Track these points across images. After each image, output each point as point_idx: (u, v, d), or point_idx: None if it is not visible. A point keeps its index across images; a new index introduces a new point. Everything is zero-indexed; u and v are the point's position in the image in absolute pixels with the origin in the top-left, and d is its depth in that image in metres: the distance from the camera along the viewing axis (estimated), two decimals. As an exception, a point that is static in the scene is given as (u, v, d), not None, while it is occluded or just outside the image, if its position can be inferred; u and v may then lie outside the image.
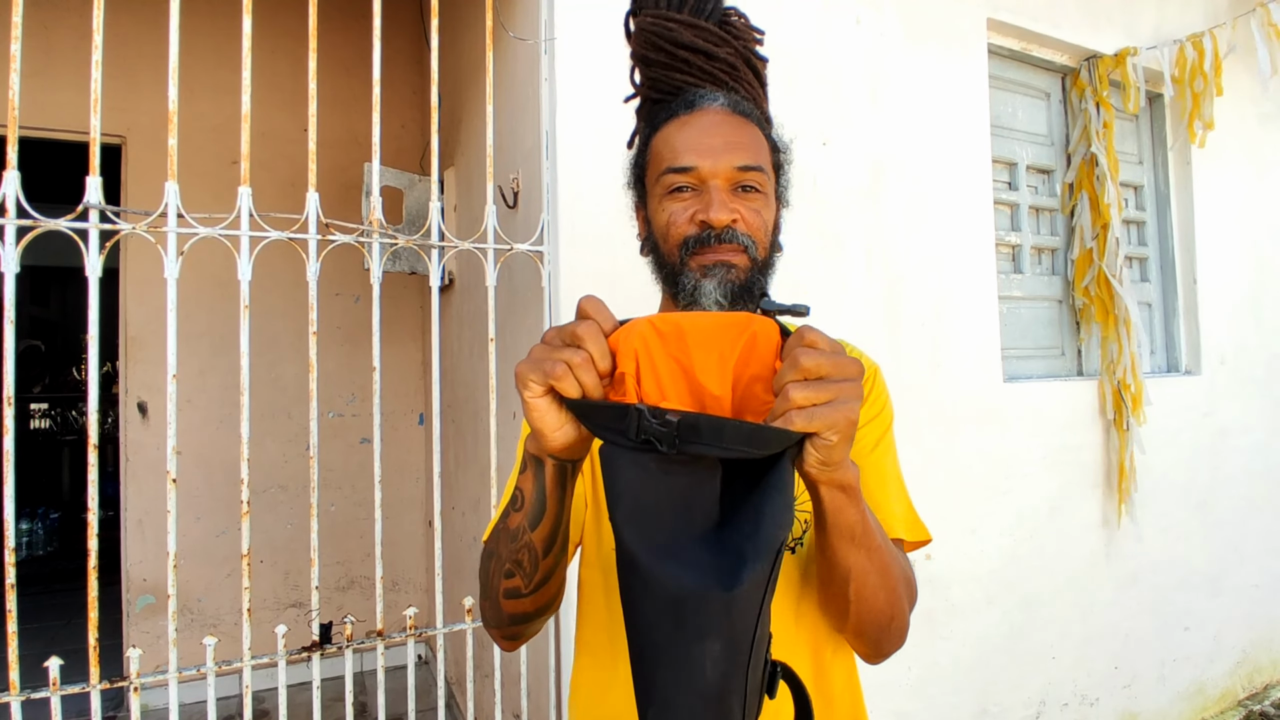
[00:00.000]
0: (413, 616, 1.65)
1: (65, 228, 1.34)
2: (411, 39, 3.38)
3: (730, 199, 0.80)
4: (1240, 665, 2.98)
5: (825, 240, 2.04)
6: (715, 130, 0.82)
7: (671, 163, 0.81)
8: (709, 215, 0.78)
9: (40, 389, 6.43)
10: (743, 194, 0.81)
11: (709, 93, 0.86)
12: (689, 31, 0.89)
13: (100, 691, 1.38)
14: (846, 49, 2.11)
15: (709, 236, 0.79)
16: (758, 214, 0.81)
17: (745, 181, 0.81)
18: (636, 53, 0.94)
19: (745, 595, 0.52)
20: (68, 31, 2.88)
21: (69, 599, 4.08)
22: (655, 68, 0.91)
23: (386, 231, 1.63)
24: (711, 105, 0.84)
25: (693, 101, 0.84)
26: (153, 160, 2.94)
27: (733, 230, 0.79)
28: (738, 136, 0.82)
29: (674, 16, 0.90)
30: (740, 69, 0.91)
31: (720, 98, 0.85)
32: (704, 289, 0.80)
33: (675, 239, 0.81)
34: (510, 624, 0.79)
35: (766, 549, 0.53)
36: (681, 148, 0.81)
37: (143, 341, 2.97)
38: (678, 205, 0.81)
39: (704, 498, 0.55)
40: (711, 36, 0.90)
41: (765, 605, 0.55)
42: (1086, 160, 2.65)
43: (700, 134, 0.81)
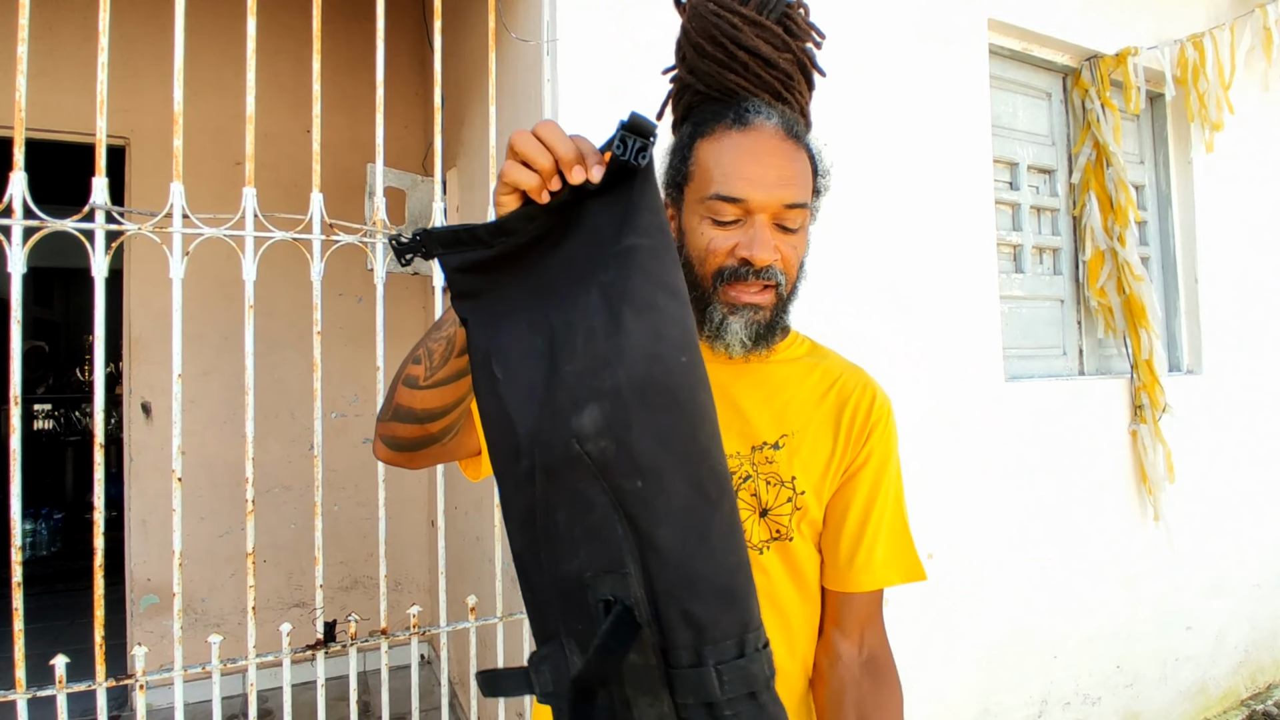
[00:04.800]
0: (416, 616, 1.66)
1: (71, 228, 1.35)
2: (414, 40, 3.39)
3: (773, 235, 0.79)
4: (1243, 665, 2.98)
5: (825, 241, 2.05)
6: (768, 159, 0.79)
7: (721, 189, 0.78)
8: (752, 254, 0.77)
9: (44, 390, 6.44)
10: (784, 231, 0.80)
11: (763, 106, 0.82)
12: (752, 31, 0.84)
13: (106, 689, 1.38)
14: (846, 49, 2.12)
15: (747, 273, 0.78)
16: (794, 250, 0.81)
17: (789, 221, 0.80)
18: (690, 35, 0.88)
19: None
20: (72, 33, 2.89)
21: (72, 599, 4.09)
22: (709, 61, 0.85)
23: (389, 232, 1.63)
24: (766, 124, 0.80)
25: (747, 118, 0.80)
26: (157, 161, 2.95)
27: (772, 269, 0.79)
28: (790, 169, 0.80)
29: (739, 10, 0.84)
30: (796, 79, 0.87)
31: (775, 116, 0.81)
32: (730, 327, 0.80)
33: (712, 267, 0.80)
34: (393, 418, 0.78)
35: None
36: (733, 173, 0.78)
37: (147, 342, 2.98)
38: (719, 234, 0.79)
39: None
40: (775, 39, 0.85)
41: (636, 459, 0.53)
42: (1093, 161, 2.65)
43: (753, 161, 0.78)
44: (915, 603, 2.14)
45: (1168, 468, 2.62)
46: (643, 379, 0.51)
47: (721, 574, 0.52)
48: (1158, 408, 2.59)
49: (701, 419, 0.54)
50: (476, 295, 0.60)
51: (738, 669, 0.50)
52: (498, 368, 0.57)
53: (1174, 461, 2.64)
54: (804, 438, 0.85)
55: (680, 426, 0.52)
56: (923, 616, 2.17)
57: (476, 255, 0.59)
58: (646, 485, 0.51)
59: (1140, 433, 2.61)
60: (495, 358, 0.57)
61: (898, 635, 2.09)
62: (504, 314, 0.58)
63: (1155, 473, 2.61)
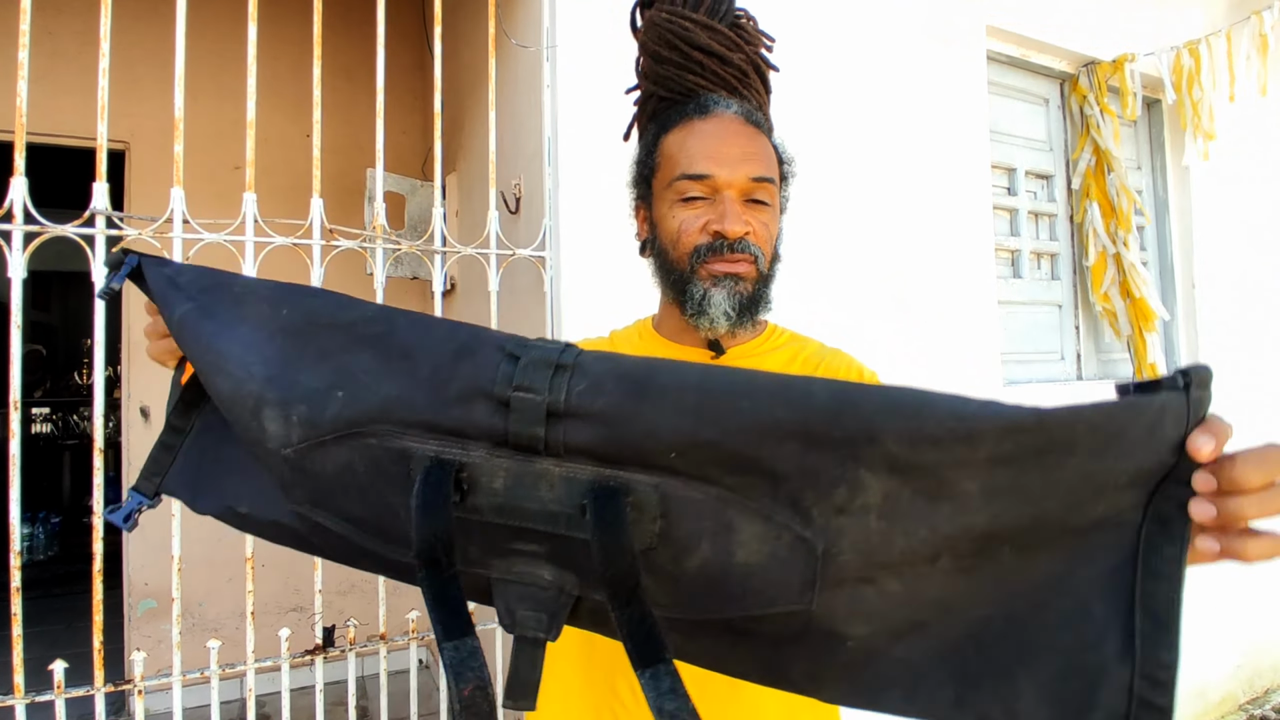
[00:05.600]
0: (415, 620, 1.66)
1: (72, 234, 1.36)
2: (414, 46, 3.40)
3: (743, 210, 0.80)
4: (1240, 669, 2.98)
5: (824, 246, 2.05)
6: (731, 139, 0.81)
7: (686, 169, 0.81)
8: (724, 226, 0.79)
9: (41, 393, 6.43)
10: (753, 206, 0.81)
11: (722, 98, 0.85)
12: (704, 33, 0.88)
13: (104, 695, 1.38)
14: (845, 55, 2.13)
15: (722, 246, 0.79)
16: (766, 226, 0.82)
17: (757, 194, 0.81)
18: (647, 47, 0.92)
19: None
20: (73, 38, 2.90)
21: (70, 603, 4.08)
22: (667, 66, 0.89)
23: (389, 237, 1.64)
24: (726, 112, 0.84)
25: (707, 106, 0.84)
26: (156, 165, 2.95)
27: (745, 241, 0.80)
28: (752, 147, 0.82)
29: (690, 16, 0.88)
30: (750, 75, 0.91)
31: (733, 104, 0.85)
32: (713, 299, 0.80)
33: (686, 246, 0.81)
34: None
35: None
36: (697, 154, 0.81)
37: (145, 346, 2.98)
38: (690, 213, 0.81)
39: None
40: (726, 40, 0.89)
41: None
42: (1093, 167, 2.66)
43: (716, 142, 0.81)
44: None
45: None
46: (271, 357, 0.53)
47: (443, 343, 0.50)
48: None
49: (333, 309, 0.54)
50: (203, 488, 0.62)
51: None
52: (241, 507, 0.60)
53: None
54: None
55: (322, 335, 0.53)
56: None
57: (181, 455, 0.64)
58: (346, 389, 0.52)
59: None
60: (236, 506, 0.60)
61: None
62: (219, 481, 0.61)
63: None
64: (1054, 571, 0.43)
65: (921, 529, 0.43)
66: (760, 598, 0.45)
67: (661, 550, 0.45)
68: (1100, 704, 0.41)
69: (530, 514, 0.47)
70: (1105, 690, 0.41)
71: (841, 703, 0.47)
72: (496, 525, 0.48)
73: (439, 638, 0.45)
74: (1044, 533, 0.43)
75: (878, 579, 0.44)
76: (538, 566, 0.48)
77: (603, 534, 0.44)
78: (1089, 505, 0.42)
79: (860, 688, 0.46)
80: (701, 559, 0.45)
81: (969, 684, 0.44)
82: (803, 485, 0.43)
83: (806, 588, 0.44)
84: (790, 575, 0.44)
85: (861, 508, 0.42)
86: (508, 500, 0.47)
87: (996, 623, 0.44)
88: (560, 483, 0.46)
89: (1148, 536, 0.42)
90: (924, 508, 0.42)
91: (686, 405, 0.44)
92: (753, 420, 0.43)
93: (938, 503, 0.42)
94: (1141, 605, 0.42)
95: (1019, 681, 0.43)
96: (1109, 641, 0.42)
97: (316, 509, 0.53)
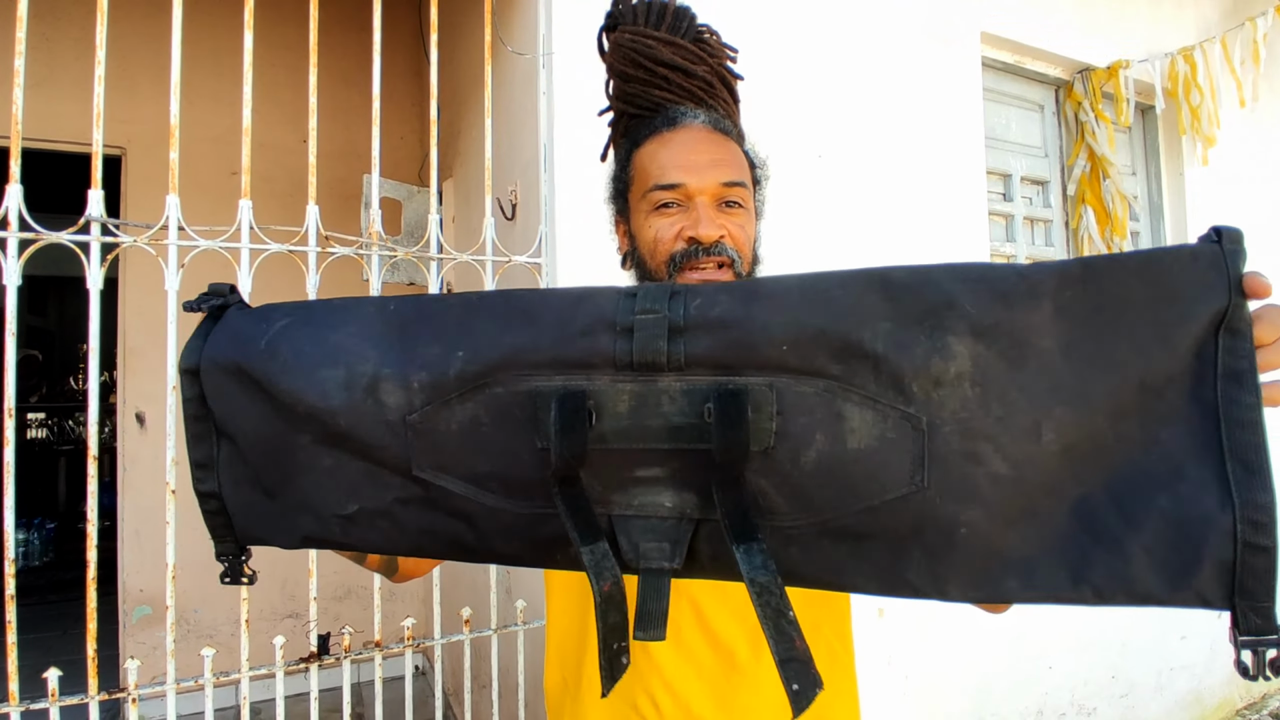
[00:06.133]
0: (410, 627, 1.65)
1: (67, 241, 1.35)
2: (411, 52, 3.40)
3: (716, 215, 0.81)
4: (1237, 674, 2.98)
5: (820, 252, 2.06)
6: (699, 147, 0.83)
7: (658, 179, 0.83)
8: (698, 231, 0.80)
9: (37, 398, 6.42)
10: (727, 209, 0.82)
11: (689, 110, 0.87)
12: (667, 49, 0.90)
13: (99, 703, 1.38)
14: (840, 62, 2.13)
15: (697, 251, 0.80)
16: (742, 229, 0.83)
17: (729, 197, 0.82)
18: (614, 68, 0.95)
19: None
20: (70, 44, 2.90)
21: (65, 609, 4.06)
22: (634, 84, 0.92)
23: (385, 244, 1.64)
24: (693, 122, 0.85)
25: (675, 118, 0.86)
26: (153, 171, 2.95)
27: (721, 245, 0.81)
28: (721, 153, 0.84)
29: (652, 34, 0.91)
30: (716, 86, 0.93)
31: (700, 115, 0.87)
32: None
33: (663, 255, 0.82)
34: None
35: None
36: (668, 164, 0.83)
37: (141, 352, 2.97)
38: (664, 221, 0.82)
39: None
40: (689, 54, 0.91)
41: None
42: (1088, 173, 2.67)
43: (685, 151, 0.83)
44: (909, 612, 2.14)
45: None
46: (383, 335, 0.56)
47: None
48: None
49: (456, 306, 0.56)
50: (283, 519, 0.61)
51: None
52: (350, 506, 0.59)
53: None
54: None
55: (436, 320, 0.56)
56: (916, 626, 2.17)
57: (232, 497, 0.62)
58: (466, 351, 0.54)
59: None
60: (341, 512, 0.59)
61: (892, 645, 2.10)
62: (309, 496, 0.59)
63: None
64: (1145, 438, 0.46)
65: (1012, 391, 0.45)
66: (875, 485, 0.47)
67: (780, 448, 0.48)
68: (1207, 555, 0.43)
69: (654, 432, 0.49)
70: (1210, 542, 0.43)
71: (963, 599, 0.48)
72: (621, 453, 0.50)
73: (577, 543, 0.49)
74: (1127, 395, 0.45)
75: (983, 456, 0.46)
76: (659, 494, 0.51)
77: (723, 428, 0.46)
78: (1159, 360, 0.45)
79: (979, 579, 0.47)
80: (817, 452, 0.48)
81: (1083, 563, 0.46)
82: (900, 362, 0.46)
83: (916, 467, 0.46)
84: (900, 456, 0.47)
85: (956, 377, 0.46)
86: (634, 422, 0.50)
87: (1099, 498, 0.46)
88: (681, 396, 0.49)
89: (1224, 390, 0.44)
90: (1011, 370, 0.45)
91: (792, 301, 0.48)
92: (849, 305, 0.47)
93: (1023, 363, 0.45)
94: (1231, 455, 0.44)
95: (1128, 550, 0.45)
96: (1207, 495, 0.44)
97: (441, 473, 0.54)
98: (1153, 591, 0.44)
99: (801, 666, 0.46)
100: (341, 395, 0.55)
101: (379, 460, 0.56)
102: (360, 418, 0.55)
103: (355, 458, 0.56)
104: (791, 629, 0.46)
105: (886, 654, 2.09)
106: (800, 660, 0.46)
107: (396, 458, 0.55)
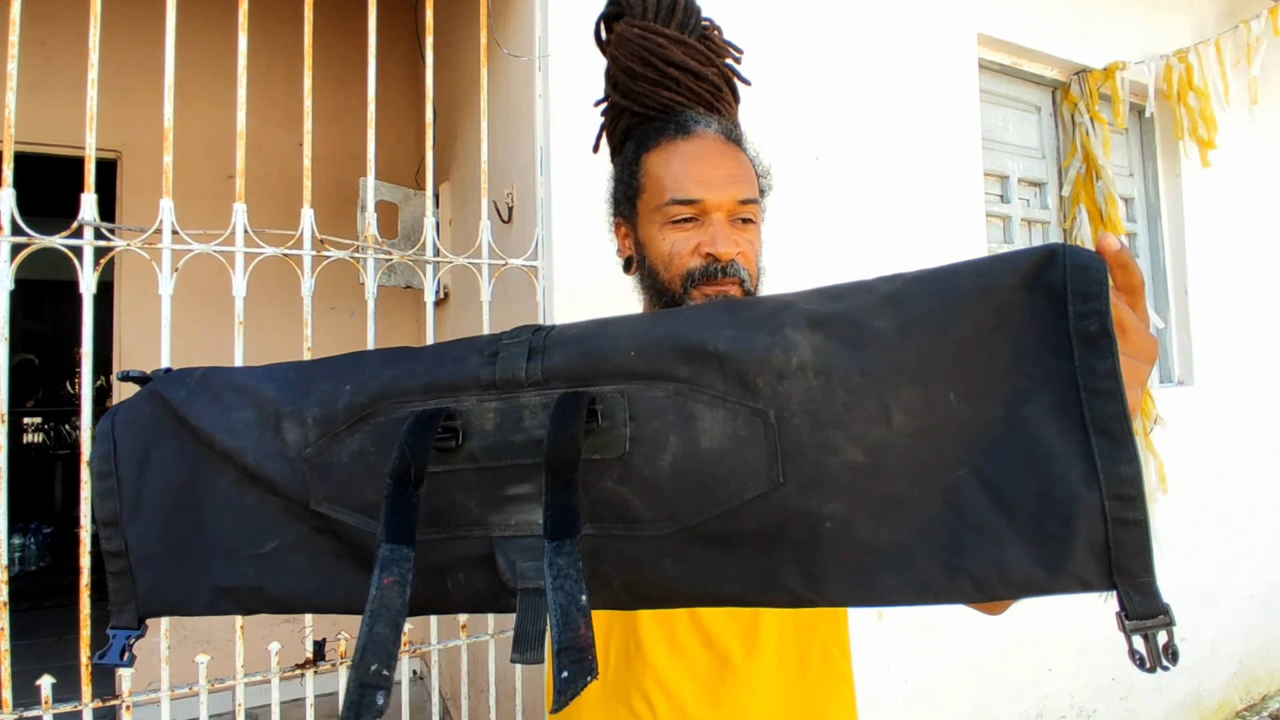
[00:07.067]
0: (407, 632, 1.65)
1: (60, 245, 1.35)
2: (407, 54, 3.40)
3: (732, 231, 0.81)
4: (1237, 676, 2.98)
5: (817, 255, 2.05)
6: (717, 161, 0.82)
7: (675, 194, 0.81)
8: (717, 249, 0.79)
9: (33, 403, 6.40)
10: (741, 226, 0.82)
11: (701, 116, 0.86)
12: (678, 49, 0.88)
13: (93, 710, 1.37)
14: (837, 64, 2.13)
15: (715, 270, 0.80)
16: (752, 245, 0.83)
17: (744, 214, 0.82)
18: (619, 61, 0.92)
19: None
20: (65, 48, 2.89)
21: (61, 615, 4.04)
22: (642, 82, 0.89)
23: (381, 247, 1.63)
24: (707, 131, 0.84)
25: (688, 126, 0.85)
26: (148, 174, 2.95)
27: (736, 264, 0.80)
28: (737, 168, 0.83)
29: (663, 31, 0.88)
30: (723, 90, 0.91)
31: (714, 123, 0.85)
32: None
33: (679, 269, 0.81)
34: None
35: None
36: (685, 178, 0.81)
37: (137, 356, 2.96)
38: (680, 235, 0.81)
39: None
40: (699, 55, 0.89)
41: None
42: (1083, 174, 2.67)
43: (703, 165, 0.82)
44: (907, 616, 2.13)
45: (1160, 479, 2.63)
46: (284, 376, 0.59)
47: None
48: (1149, 419, 2.60)
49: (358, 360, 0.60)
50: (190, 578, 0.61)
51: None
52: (262, 549, 0.59)
53: (1166, 473, 2.65)
54: None
55: (339, 364, 0.60)
56: (915, 629, 2.16)
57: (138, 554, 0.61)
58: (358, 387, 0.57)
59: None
60: (253, 560, 0.59)
61: (891, 648, 2.09)
62: (216, 549, 0.59)
63: (1148, 484, 2.62)
64: (1005, 415, 0.44)
65: (855, 375, 0.46)
66: (733, 485, 0.47)
67: (636, 453, 0.49)
68: (1080, 535, 0.42)
69: (518, 447, 0.51)
70: (1080, 520, 0.42)
71: (842, 602, 0.48)
72: (492, 471, 0.51)
73: (381, 538, 0.47)
74: (976, 369, 0.45)
75: (836, 445, 0.46)
76: (531, 511, 0.51)
77: (556, 425, 0.48)
78: (1007, 334, 0.44)
79: (855, 576, 0.47)
80: (673, 454, 0.48)
81: (958, 552, 0.44)
82: (743, 358, 0.47)
83: (772, 463, 0.47)
84: (755, 453, 0.47)
85: (798, 367, 0.46)
86: (499, 439, 0.51)
87: (967, 481, 0.45)
88: (540, 410, 0.51)
89: (1080, 358, 0.43)
90: (851, 354, 0.46)
91: (642, 320, 0.53)
92: (694, 317, 0.51)
93: (862, 346, 0.46)
94: (1094, 426, 0.42)
95: (1001, 533, 0.43)
96: (1072, 472, 0.42)
97: (336, 505, 0.55)
98: (1032, 578, 0.43)
99: (579, 655, 0.44)
100: (251, 434, 0.57)
101: (287, 495, 0.56)
102: (267, 455, 0.56)
103: (271, 494, 0.57)
104: (580, 616, 0.44)
105: (885, 658, 2.08)
106: (579, 649, 0.44)
107: (300, 493, 0.56)
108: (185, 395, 0.59)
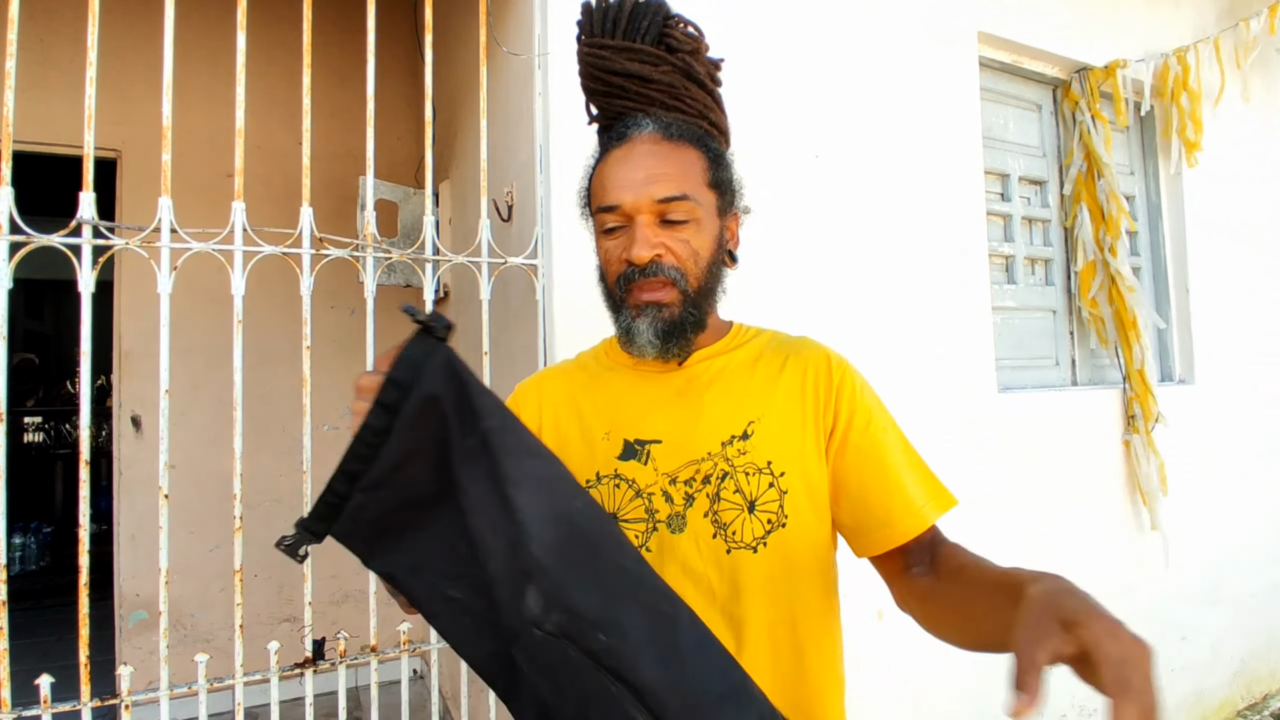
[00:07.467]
0: (407, 631, 1.64)
1: (59, 243, 1.35)
2: (406, 53, 3.40)
3: (656, 233, 0.81)
4: (1238, 675, 2.97)
5: (816, 252, 2.05)
6: (639, 163, 0.82)
7: (601, 201, 0.83)
8: (630, 254, 0.80)
9: (34, 402, 6.39)
10: (670, 226, 0.81)
11: (640, 119, 0.86)
12: (622, 57, 0.89)
13: (92, 709, 1.36)
14: (837, 62, 2.13)
15: (634, 273, 0.81)
16: (686, 244, 0.82)
17: (670, 213, 0.81)
18: (583, 81, 0.95)
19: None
20: (64, 46, 2.89)
21: (61, 614, 4.04)
22: (597, 96, 0.92)
23: (380, 246, 1.63)
24: (640, 134, 0.84)
25: (624, 134, 0.85)
26: (147, 173, 2.94)
27: (658, 264, 0.80)
28: (662, 167, 0.82)
29: (606, 44, 0.90)
30: (679, 86, 0.91)
31: (650, 124, 0.85)
32: (637, 329, 0.82)
33: (611, 277, 0.84)
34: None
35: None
36: (609, 184, 0.83)
37: (136, 355, 2.96)
38: (612, 243, 0.84)
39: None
40: (648, 58, 0.89)
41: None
42: (1084, 172, 2.66)
43: (624, 169, 0.82)
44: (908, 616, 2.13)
45: (1161, 478, 2.62)
46: (555, 541, 0.54)
47: (714, 680, 0.53)
48: (1150, 418, 2.59)
49: (621, 548, 0.57)
50: (382, 549, 0.61)
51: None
52: (452, 590, 0.58)
53: (1167, 472, 2.64)
54: (770, 418, 0.85)
55: (608, 565, 0.55)
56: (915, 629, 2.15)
57: (356, 509, 0.59)
58: (609, 635, 0.53)
59: (1133, 443, 2.61)
60: (440, 586, 0.59)
61: (890, 646, 2.08)
62: (420, 553, 0.60)
63: (1149, 483, 2.61)
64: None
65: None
66: None
67: None
68: None
69: None
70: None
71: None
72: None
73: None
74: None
75: None
76: None
77: None
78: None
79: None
80: None
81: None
82: None
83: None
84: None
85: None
86: None
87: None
88: None
89: None
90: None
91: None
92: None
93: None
94: None
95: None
96: None
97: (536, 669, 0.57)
98: None
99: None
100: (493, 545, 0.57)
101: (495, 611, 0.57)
102: (501, 564, 0.56)
103: (477, 595, 0.58)
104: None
105: (885, 658, 2.08)
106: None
107: (503, 630, 0.57)
108: (500, 417, 0.58)
